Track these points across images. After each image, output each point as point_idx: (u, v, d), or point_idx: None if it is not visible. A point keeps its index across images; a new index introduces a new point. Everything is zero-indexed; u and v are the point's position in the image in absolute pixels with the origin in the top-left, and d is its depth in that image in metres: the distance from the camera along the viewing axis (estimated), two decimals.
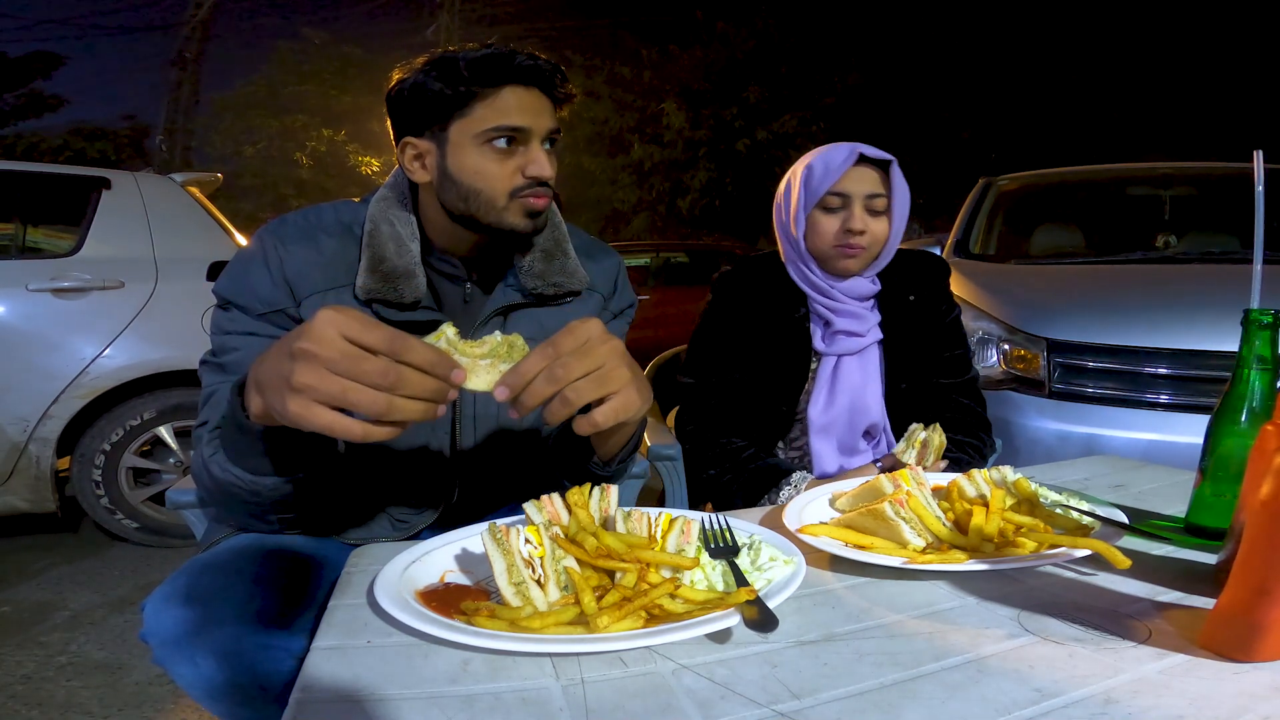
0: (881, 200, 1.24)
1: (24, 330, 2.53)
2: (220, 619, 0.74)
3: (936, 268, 1.38)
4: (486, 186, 0.89)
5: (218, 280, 0.92)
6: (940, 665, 0.54)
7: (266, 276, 0.89)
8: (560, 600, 0.62)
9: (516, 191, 0.90)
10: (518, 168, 0.89)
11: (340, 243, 0.93)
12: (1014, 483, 0.84)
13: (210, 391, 0.89)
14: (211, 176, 3.26)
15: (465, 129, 0.89)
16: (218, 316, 0.92)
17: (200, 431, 0.86)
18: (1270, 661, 0.54)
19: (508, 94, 0.88)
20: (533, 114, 0.89)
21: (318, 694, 0.51)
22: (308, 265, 0.90)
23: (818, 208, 1.25)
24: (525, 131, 0.89)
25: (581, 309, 1.03)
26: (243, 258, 0.92)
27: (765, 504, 1.18)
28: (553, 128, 0.91)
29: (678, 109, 12.47)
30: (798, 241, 1.28)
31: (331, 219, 0.95)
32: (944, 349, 1.35)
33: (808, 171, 1.25)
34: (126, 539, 2.77)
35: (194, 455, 0.86)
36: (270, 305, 0.89)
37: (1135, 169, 3.45)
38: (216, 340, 0.91)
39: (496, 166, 0.89)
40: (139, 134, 15.09)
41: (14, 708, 1.72)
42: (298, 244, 0.91)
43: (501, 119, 0.88)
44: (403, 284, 0.90)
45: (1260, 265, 0.85)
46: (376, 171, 14.02)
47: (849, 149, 1.23)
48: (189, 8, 13.44)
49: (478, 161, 0.89)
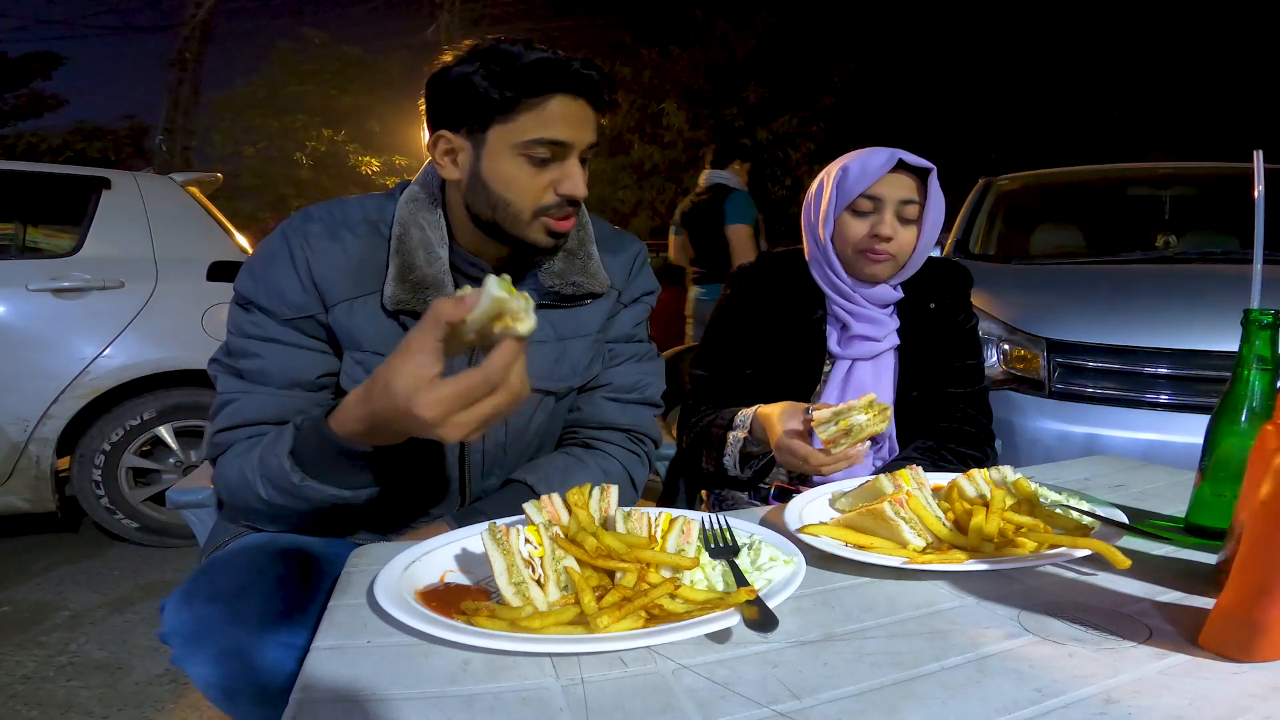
0: (914, 208, 1.22)
1: (24, 330, 2.53)
2: (242, 618, 0.74)
3: (960, 277, 1.36)
4: (516, 199, 0.86)
5: (238, 277, 0.89)
6: (940, 665, 0.54)
7: (295, 279, 0.86)
8: (560, 600, 0.62)
9: (543, 210, 0.87)
10: (551, 183, 0.86)
11: (367, 243, 0.90)
12: (1014, 483, 0.84)
13: (229, 399, 0.86)
14: (211, 176, 3.26)
15: (505, 135, 0.85)
16: (237, 316, 0.89)
17: (221, 438, 0.86)
18: (1270, 661, 0.54)
19: (555, 104, 0.84)
20: (576, 127, 0.86)
21: (318, 694, 0.51)
22: (335, 269, 0.87)
23: (848, 210, 1.22)
24: (566, 146, 0.86)
25: (594, 308, 1.01)
26: (266, 256, 0.88)
27: (728, 458, 1.18)
28: (593, 141, 0.88)
29: (678, 109, 12.46)
30: (824, 242, 1.26)
31: (358, 216, 0.92)
32: (958, 358, 1.33)
33: (842, 173, 1.22)
34: (126, 539, 2.77)
35: (223, 464, 0.85)
36: (299, 311, 0.87)
37: (1135, 169, 3.45)
38: (235, 342, 0.88)
39: (530, 179, 0.86)
40: (139, 134, 15.08)
41: (14, 708, 1.72)
42: (324, 244, 0.88)
43: (544, 130, 0.84)
44: (432, 295, 0.87)
45: (1260, 265, 0.85)
46: (376, 171, 14.01)
47: (888, 153, 1.19)
48: (189, 8, 13.43)
49: (512, 171, 0.86)
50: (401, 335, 0.89)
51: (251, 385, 0.86)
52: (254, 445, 0.84)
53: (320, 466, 0.78)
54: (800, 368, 1.29)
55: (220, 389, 0.88)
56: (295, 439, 0.80)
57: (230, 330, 0.89)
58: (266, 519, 0.86)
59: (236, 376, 0.87)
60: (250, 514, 0.87)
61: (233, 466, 0.84)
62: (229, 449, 0.86)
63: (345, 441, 0.75)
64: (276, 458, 0.79)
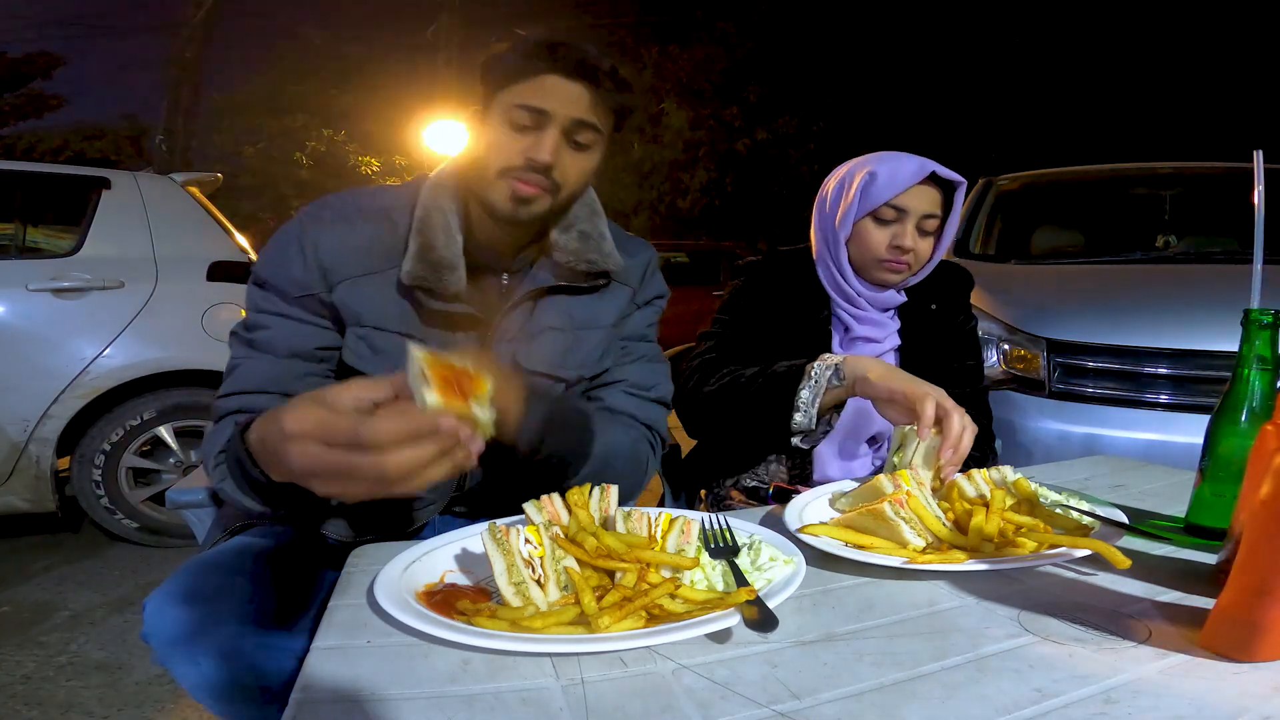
0: (934, 221, 1.21)
1: (24, 330, 2.53)
2: (222, 618, 0.74)
3: (960, 278, 1.36)
4: (485, 155, 0.89)
5: (258, 258, 0.95)
6: (940, 665, 0.54)
7: (300, 260, 0.90)
8: (560, 600, 0.62)
9: (509, 170, 0.88)
10: (524, 149, 0.88)
11: (380, 228, 0.93)
12: (1014, 483, 0.84)
13: (235, 364, 0.91)
14: (211, 176, 3.26)
15: (500, 103, 0.89)
16: (253, 293, 0.93)
17: (220, 403, 0.89)
18: (1270, 661, 0.54)
19: (548, 80, 0.87)
20: (561, 101, 0.87)
21: (318, 694, 0.51)
22: (343, 250, 0.91)
23: (870, 216, 1.21)
24: (545, 115, 0.87)
25: (611, 302, 1.02)
26: (280, 238, 0.93)
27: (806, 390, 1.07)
28: (579, 117, 0.88)
29: (678, 109, 12.47)
30: (838, 245, 1.25)
31: (372, 204, 0.95)
32: (958, 359, 1.33)
33: (869, 178, 1.20)
34: (126, 539, 2.77)
35: (209, 435, 0.88)
36: (303, 289, 0.90)
37: (1135, 169, 3.45)
38: (251, 316, 0.93)
39: (506, 140, 0.88)
40: (139, 134, 15.08)
41: (14, 708, 1.72)
42: (334, 226, 0.92)
43: (526, 98, 0.87)
44: (447, 275, 0.90)
45: (1260, 265, 0.85)
46: (376, 171, 14.00)
47: (919, 164, 1.18)
48: (189, 8, 13.41)
49: (493, 134, 0.89)
50: (412, 312, 0.91)
51: (256, 352, 0.91)
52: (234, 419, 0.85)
53: (234, 475, 0.78)
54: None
55: (232, 354, 0.93)
56: (230, 438, 0.78)
57: (247, 306, 0.94)
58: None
59: (247, 345, 0.92)
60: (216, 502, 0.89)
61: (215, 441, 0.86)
62: (220, 418, 0.89)
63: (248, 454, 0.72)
64: (212, 447, 0.83)
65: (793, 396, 1.08)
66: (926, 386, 0.95)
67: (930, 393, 0.93)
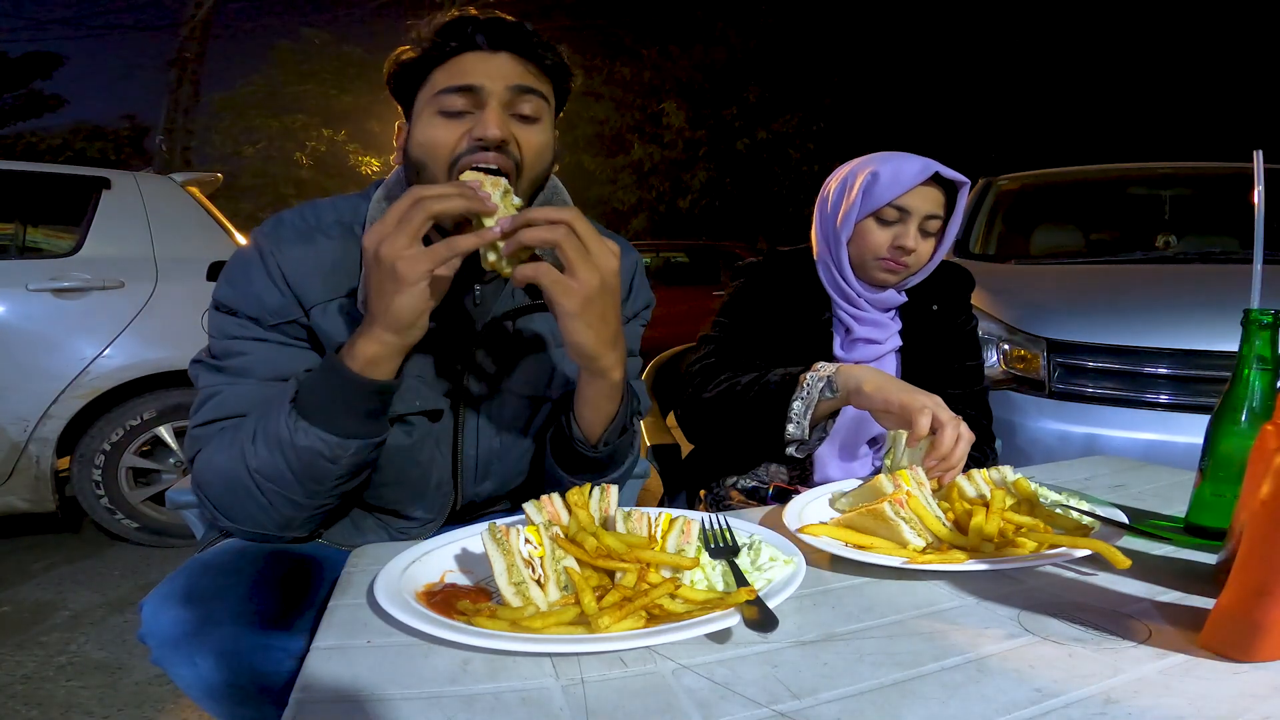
0: (937, 222, 1.21)
1: (24, 330, 2.53)
2: (219, 619, 0.74)
3: (961, 279, 1.36)
4: (429, 157, 0.82)
5: (217, 286, 0.88)
6: (940, 665, 0.54)
7: (271, 286, 0.85)
8: (560, 600, 0.62)
9: (458, 159, 0.81)
10: (465, 133, 0.81)
11: (341, 245, 0.88)
12: (1014, 483, 0.84)
13: (212, 393, 0.85)
14: (211, 176, 3.25)
15: (423, 98, 0.83)
16: (221, 321, 0.87)
17: (201, 431, 0.84)
18: (1270, 661, 0.54)
19: (467, 59, 0.81)
20: (489, 74, 0.81)
21: (318, 694, 0.51)
22: (308, 272, 0.85)
23: (872, 216, 1.20)
24: (477, 91, 0.80)
25: None
26: (243, 263, 0.87)
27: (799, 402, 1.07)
28: (515, 84, 0.81)
29: (678, 109, 12.47)
30: (839, 245, 1.24)
31: (331, 218, 0.89)
32: (958, 359, 1.33)
33: (871, 178, 1.19)
34: (126, 539, 2.77)
35: (205, 455, 0.82)
36: (282, 316, 0.85)
37: (1135, 169, 3.45)
38: (219, 344, 0.87)
39: (444, 133, 0.81)
40: (139, 134, 15.09)
41: (14, 708, 1.72)
42: (295, 248, 0.86)
43: (451, 79, 0.81)
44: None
45: (1260, 265, 0.85)
46: (376, 172, 14.00)
47: (923, 164, 1.17)
48: (189, 8, 13.41)
49: (427, 131, 0.82)
50: None
51: (235, 378, 0.85)
52: (238, 428, 0.81)
53: (316, 407, 0.76)
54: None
55: (202, 385, 0.86)
56: (299, 385, 0.78)
57: (213, 335, 0.88)
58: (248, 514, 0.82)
59: (218, 372, 0.86)
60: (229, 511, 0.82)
61: (219, 450, 0.81)
62: (210, 441, 0.83)
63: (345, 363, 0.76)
64: (277, 410, 0.78)
65: (785, 408, 1.08)
66: (923, 397, 0.94)
67: (926, 404, 0.93)
